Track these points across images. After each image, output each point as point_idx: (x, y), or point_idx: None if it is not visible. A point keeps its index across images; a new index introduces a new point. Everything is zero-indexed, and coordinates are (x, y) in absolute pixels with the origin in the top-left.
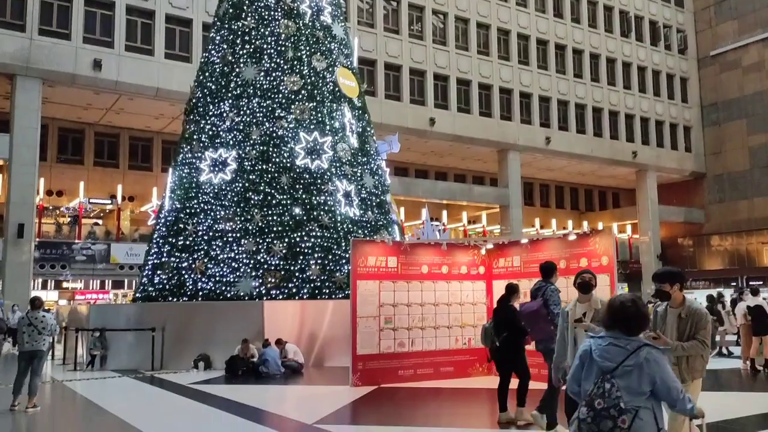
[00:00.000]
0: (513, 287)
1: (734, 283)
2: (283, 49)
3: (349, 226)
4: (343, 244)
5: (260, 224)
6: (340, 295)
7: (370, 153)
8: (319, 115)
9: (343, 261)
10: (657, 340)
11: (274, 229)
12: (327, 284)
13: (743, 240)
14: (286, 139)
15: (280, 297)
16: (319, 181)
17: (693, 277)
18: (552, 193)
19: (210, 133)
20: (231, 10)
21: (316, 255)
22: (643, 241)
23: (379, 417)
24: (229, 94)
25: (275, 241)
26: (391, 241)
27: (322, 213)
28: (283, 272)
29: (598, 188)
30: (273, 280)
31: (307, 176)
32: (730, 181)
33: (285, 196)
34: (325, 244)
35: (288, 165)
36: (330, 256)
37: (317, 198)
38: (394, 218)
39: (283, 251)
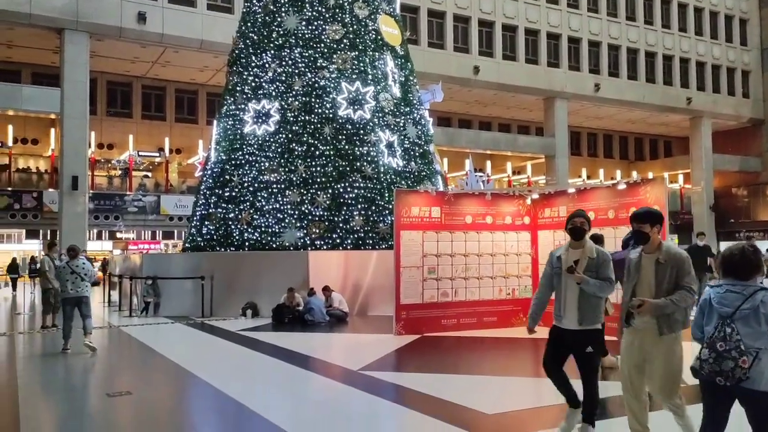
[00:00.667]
0: (598, 237)
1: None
2: None
3: (392, 176)
4: (387, 194)
5: (304, 175)
6: (384, 246)
7: (413, 102)
8: (361, 64)
9: (387, 212)
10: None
11: (318, 180)
12: (370, 235)
13: None
14: (328, 89)
15: (325, 247)
16: (361, 131)
17: (747, 228)
18: (600, 142)
19: (253, 84)
20: None
21: (359, 206)
22: (696, 191)
23: (423, 364)
24: (271, 45)
25: (319, 192)
26: (435, 191)
27: (365, 164)
28: (327, 223)
29: (648, 136)
30: (317, 231)
31: (350, 127)
32: None
33: (328, 147)
34: (369, 195)
35: (330, 116)
36: (373, 207)
37: (360, 149)
38: (437, 168)
39: (327, 202)
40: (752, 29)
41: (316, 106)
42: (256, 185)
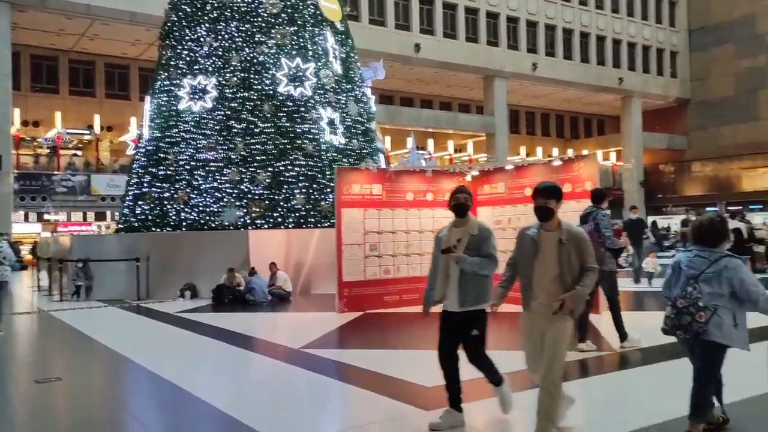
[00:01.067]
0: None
1: (710, 209)
2: None
3: (334, 154)
4: (328, 172)
5: (243, 153)
6: (326, 224)
7: (355, 80)
8: (301, 40)
9: (328, 190)
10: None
11: (258, 158)
12: (312, 213)
13: (724, 166)
14: (267, 65)
15: (266, 226)
16: (302, 108)
17: (673, 203)
18: (538, 120)
19: (188, 59)
20: None
21: (300, 184)
22: (627, 168)
23: (365, 341)
24: (206, 18)
25: (259, 171)
26: (376, 168)
27: (306, 141)
28: (267, 202)
29: (583, 115)
30: (258, 210)
31: (290, 104)
32: (714, 107)
33: (268, 125)
34: (310, 173)
35: (270, 92)
36: (315, 185)
37: (301, 126)
38: (379, 146)
39: (267, 180)
40: (680, 11)
41: (255, 82)
42: (192, 163)
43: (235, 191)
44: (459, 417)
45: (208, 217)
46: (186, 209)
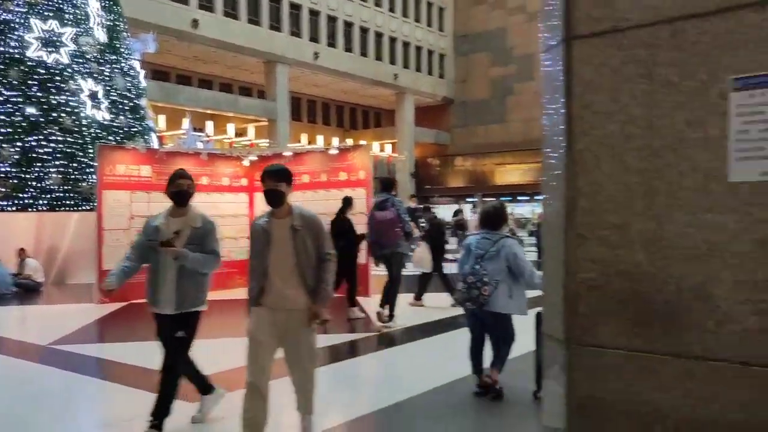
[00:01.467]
0: (349, 200)
1: (469, 199)
2: None
3: (97, 130)
4: (90, 150)
5: None
6: (87, 207)
7: (121, 51)
8: (58, 1)
9: (91, 169)
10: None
11: (2, 130)
12: (71, 195)
13: (480, 161)
14: (13, 25)
15: (11, 208)
16: (58, 77)
17: (439, 194)
18: (319, 109)
19: None
20: None
21: (56, 162)
22: (400, 159)
23: (126, 333)
24: None
25: (4, 145)
26: (145, 148)
27: (63, 114)
28: (15, 181)
29: (361, 107)
30: (2, 190)
31: (43, 71)
32: (472, 108)
33: (15, 93)
34: (68, 150)
35: (17, 56)
36: (74, 164)
37: (57, 97)
38: (150, 125)
39: (15, 157)
40: (448, 17)
41: None
42: None
43: None
44: (217, 392)
45: None
46: None
